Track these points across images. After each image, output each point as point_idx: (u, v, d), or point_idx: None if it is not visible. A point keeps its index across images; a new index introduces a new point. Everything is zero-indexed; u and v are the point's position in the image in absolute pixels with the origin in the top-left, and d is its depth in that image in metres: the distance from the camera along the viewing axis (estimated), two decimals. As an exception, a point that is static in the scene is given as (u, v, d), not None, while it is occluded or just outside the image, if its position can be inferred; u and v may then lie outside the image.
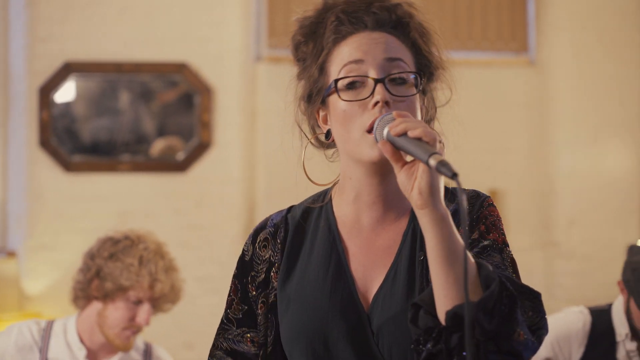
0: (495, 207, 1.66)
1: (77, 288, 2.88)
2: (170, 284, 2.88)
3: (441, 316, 1.44)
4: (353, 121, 1.57)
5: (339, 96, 1.59)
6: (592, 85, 5.67)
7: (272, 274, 1.69)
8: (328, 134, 1.65)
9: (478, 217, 1.62)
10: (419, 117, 1.62)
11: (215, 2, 5.34)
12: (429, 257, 1.46)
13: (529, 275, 5.68)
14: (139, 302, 2.84)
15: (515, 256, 4.76)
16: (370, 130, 1.53)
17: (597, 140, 5.65)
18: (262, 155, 5.41)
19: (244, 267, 1.72)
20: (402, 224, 1.65)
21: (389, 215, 1.64)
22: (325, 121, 1.65)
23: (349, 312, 1.60)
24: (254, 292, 1.69)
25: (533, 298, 1.50)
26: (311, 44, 1.65)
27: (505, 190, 5.74)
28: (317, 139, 1.71)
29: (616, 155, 5.67)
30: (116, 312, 2.82)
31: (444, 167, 1.37)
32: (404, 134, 1.44)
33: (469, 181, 5.28)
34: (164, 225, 4.97)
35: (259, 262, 1.71)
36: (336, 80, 1.59)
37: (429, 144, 1.41)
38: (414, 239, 1.61)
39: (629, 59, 5.67)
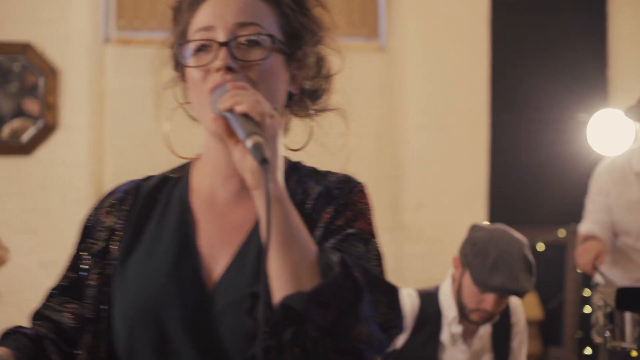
0: (366, 195, 1.58)
1: None
2: None
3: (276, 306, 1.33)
4: (199, 88, 1.47)
5: (185, 62, 1.49)
6: (440, 72, 5.80)
7: (112, 243, 1.54)
8: None
9: (346, 203, 1.52)
10: (280, 84, 1.52)
11: (62, -18, 5.19)
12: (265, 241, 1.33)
13: (379, 257, 5.77)
14: None
15: (363, 239, 4.72)
16: None
17: (445, 126, 5.78)
18: (110, 138, 5.33)
19: (83, 234, 1.59)
20: None
21: (246, 191, 1.46)
22: None
23: (190, 292, 1.47)
24: (89, 262, 1.55)
25: (389, 293, 1.40)
26: (177, 13, 1.56)
27: (354, 173, 5.80)
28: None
29: (464, 140, 5.81)
30: None
31: (257, 151, 1.28)
32: (232, 109, 1.35)
33: (320, 163, 5.29)
34: (9, 209, 4.83)
35: (100, 229, 1.57)
36: (183, 45, 1.50)
37: (254, 121, 1.33)
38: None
39: (477, 47, 5.81)
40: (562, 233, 5.70)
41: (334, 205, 1.51)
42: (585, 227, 4.19)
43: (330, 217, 1.49)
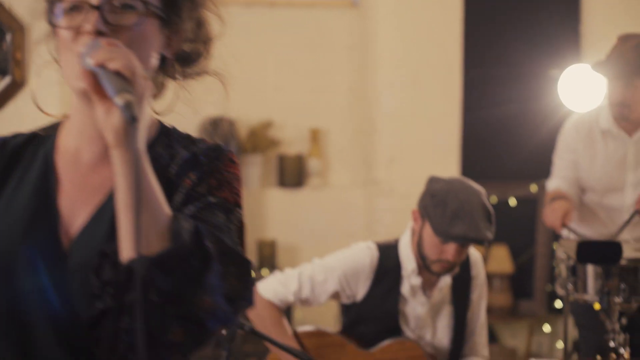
0: (236, 165, 1.55)
1: None
2: None
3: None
4: (68, 48, 1.44)
5: (56, 21, 1.46)
6: (413, 28, 5.78)
7: None
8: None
9: (211, 170, 1.50)
10: (152, 49, 1.50)
11: None
12: (117, 201, 1.34)
13: (351, 212, 5.81)
14: None
15: (336, 194, 4.85)
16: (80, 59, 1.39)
17: (417, 82, 5.77)
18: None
19: None
20: None
21: (108, 153, 1.43)
22: None
23: (46, 250, 1.46)
24: None
25: (241, 265, 1.40)
26: None
27: (327, 129, 5.81)
28: None
29: (436, 96, 5.81)
30: None
31: (127, 109, 1.26)
32: (103, 65, 1.32)
33: (291, 120, 5.28)
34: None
35: None
36: (55, 2, 1.46)
37: (126, 80, 1.31)
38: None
39: (449, 2, 5.79)
40: (533, 188, 5.74)
41: (198, 172, 1.50)
42: (552, 183, 4.22)
43: (192, 183, 1.49)
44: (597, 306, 3.50)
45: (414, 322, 3.24)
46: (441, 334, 3.26)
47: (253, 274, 1.42)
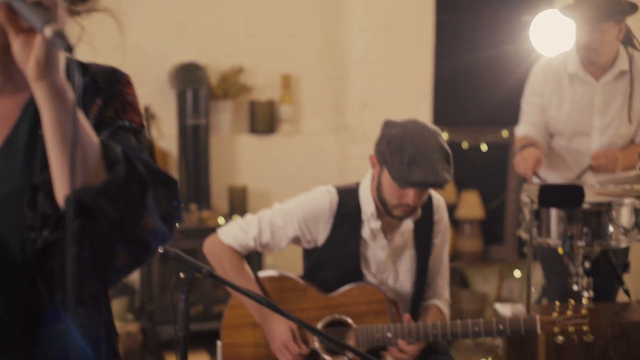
0: (133, 87, 1.55)
1: None
2: None
3: (60, 201, 1.33)
4: None
5: None
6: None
7: None
8: None
9: (113, 94, 1.50)
10: None
11: None
12: (47, 136, 1.33)
13: (322, 158, 5.81)
14: None
15: (308, 140, 4.87)
16: None
17: (389, 27, 5.74)
18: None
19: None
20: (24, 96, 1.49)
21: (8, 85, 1.47)
22: None
23: None
24: None
25: (169, 185, 1.43)
26: None
27: (299, 75, 5.78)
28: None
29: (408, 41, 5.78)
30: None
31: (59, 39, 1.22)
32: None
33: (263, 66, 5.25)
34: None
35: None
36: None
37: (48, 10, 1.28)
38: (37, 112, 1.40)
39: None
40: (505, 134, 5.75)
41: (102, 97, 1.49)
42: (521, 129, 4.22)
43: (99, 109, 1.49)
44: (560, 250, 3.53)
45: (375, 266, 3.24)
46: (403, 278, 3.28)
47: (180, 193, 1.44)
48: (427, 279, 3.33)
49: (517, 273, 6.05)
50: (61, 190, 1.32)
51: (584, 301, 3.03)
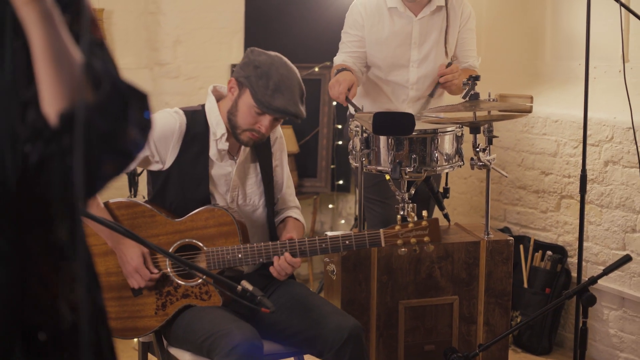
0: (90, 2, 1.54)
1: None
2: None
3: (50, 116, 1.36)
4: None
5: None
6: None
7: None
8: None
9: (76, 10, 1.48)
10: None
11: None
12: (36, 56, 1.35)
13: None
14: None
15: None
16: None
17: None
18: None
19: None
20: None
21: None
22: None
23: None
24: None
25: (141, 98, 1.48)
26: None
27: (112, 10, 5.64)
28: None
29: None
30: None
31: None
32: None
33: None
34: None
35: None
36: None
37: None
38: (13, 22, 1.40)
39: None
40: (317, 69, 5.86)
41: (68, 13, 1.48)
42: (338, 58, 4.34)
43: (67, 25, 1.48)
44: (387, 177, 3.69)
45: (224, 185, 3.29)
46: (250, 192, 3.35)
47: (150, 104, 1.50)
48: (275, 190, 3.43)
49: (330, 205, 6.24)
50: (51, 105, 1.36)
51: (424, 214, 3.20)
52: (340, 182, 6.11)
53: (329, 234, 3.28)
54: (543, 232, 5.11)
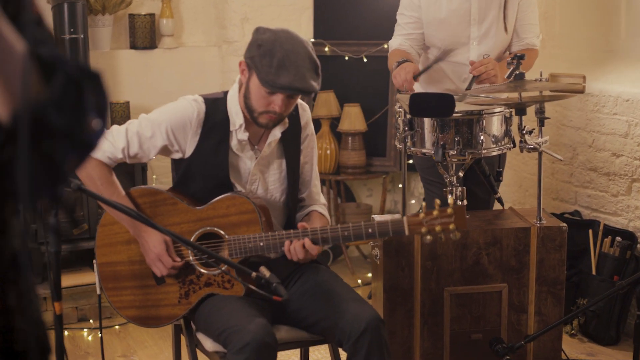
0: None
1: None
2: None
3: (2, 118, 1.27)
4: None
5: None
6: None
7: None
8: None
9: None
10: None
11: None
12: None
13: (205, 73, 5.74)
14: None
15: (190, 55, 4.77)
16: None
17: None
18: None
19: None
20: None
21: None
22: None
23: None
24: None
25: (94, 79, 1.37)
26: None
27: (178, -12, 5.65)
28: None
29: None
30: None
31: None
32: None
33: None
34: None
35: None
36: None
37: None
38: None
39: None
40: (386, 46, 5.74)
41: None
42: (394, 42, 4.23)
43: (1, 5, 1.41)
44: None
45: (244, 177, 3.24)
46: (272, 188, 3.28)
47: (104, 83, 1.40)
48: (299, 187, 3.35)
49: (400, 185, 6.13)
50: (1, 107, 1.27)
51: (450, 201, 3.07)
52: (411, 161, 5.98)
53: (375, 217, 3.20)
54: (614, 216, 4.90)
